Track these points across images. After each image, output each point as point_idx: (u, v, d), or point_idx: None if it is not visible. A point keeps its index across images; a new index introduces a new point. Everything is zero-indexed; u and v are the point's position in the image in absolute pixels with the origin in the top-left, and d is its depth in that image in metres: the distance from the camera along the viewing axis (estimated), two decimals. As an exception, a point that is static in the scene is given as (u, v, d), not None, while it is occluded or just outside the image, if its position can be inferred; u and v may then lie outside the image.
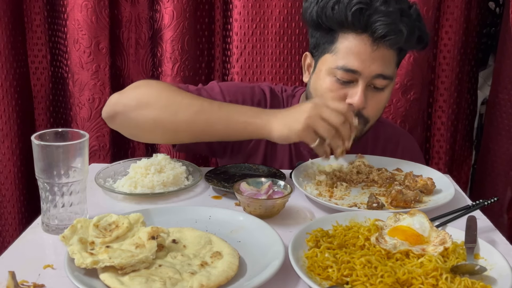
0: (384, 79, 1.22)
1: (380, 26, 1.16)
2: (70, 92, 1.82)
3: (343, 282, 0.78)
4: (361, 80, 1.20)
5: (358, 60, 1.19)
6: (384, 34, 1.16)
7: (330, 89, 1.23)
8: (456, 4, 1.78)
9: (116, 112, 1.21)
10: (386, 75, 1.22)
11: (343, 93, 1.22)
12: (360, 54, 1.19)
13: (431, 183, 1.17)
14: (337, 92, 1.22)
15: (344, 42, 1.21)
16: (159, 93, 1.21)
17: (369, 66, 1.19)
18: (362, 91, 1.20)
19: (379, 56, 1.19)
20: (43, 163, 0.92)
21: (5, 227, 1.87)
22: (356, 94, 1.20)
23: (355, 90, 1.21)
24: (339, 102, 1.18)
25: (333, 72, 1.22)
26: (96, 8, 1.72)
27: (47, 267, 0.83)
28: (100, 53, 1.76)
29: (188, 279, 0.77)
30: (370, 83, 1.22)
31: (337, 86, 1.22)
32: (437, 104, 1.90)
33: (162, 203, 1.11)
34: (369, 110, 1.24)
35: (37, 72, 1.90)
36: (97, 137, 1.82)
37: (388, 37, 1.17)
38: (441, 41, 1.83)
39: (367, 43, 1.19)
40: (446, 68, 1.85)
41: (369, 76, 1.20)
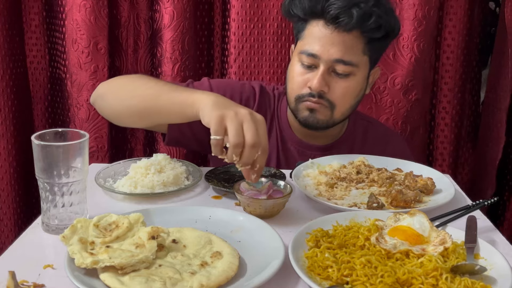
0: (345, 65, 1.26)
1: (332, 8, 1.23)
2: (68, 92, 1.81)
3: (343, 282, 0.78)
4: (321, 64, 1.27)
5: (318, 44, 1.26)
6: (335, 16, 1.23)
7: (296, 74, 1.31)
8: (459, 4, 1.77)
9: (96, 96, 1.32)
10: (347, 61, 1.26)
11: (306, 77, 1.29)
12: (320, 39, 1.26)
13: (431, 183, 1.17)
14: (301, 76, 1.30)
15: (309, 28, 1.29)
16: (131, 78, 1.34)
17: (328, 51, 1.25)
18: (321, 74, 1.26)
19: (339, 41, 1.25)
20: (43, 163, 0.92)
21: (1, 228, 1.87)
22: (314, 77, 1.27)
23: (314, 73, 1.28)
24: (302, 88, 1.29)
25: (300, 57, 1.30)
26: (95, 8, 1.71)
27: (47, 267, 0.83)
28: (99, 53, 1.75)
29: (188, 279, 0.77)
30: (332, 68, 1.27)
31: (302, 71, 1.30)
32: (440, 105, 1.89)
33: (162, 203, 1.11)
34: (333, 95, 1.29)
35: (36, 72, 1.90)
36: (95, 138, 1.81)
37: (340, 19, 1.23)
38: (444, 41, 1.82)
39: (326, 27, 1.26)
40: (450, 68, 1.84)
41: (329, 60, 1.26)
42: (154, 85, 1.21)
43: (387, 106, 1.81)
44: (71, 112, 1.82)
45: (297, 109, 1.33)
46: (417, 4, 1.70)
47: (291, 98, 1.34)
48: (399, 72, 1.78)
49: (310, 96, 1.29)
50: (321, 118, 1.32)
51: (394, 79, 1.78)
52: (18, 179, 1.83)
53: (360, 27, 1.25)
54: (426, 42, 1.75)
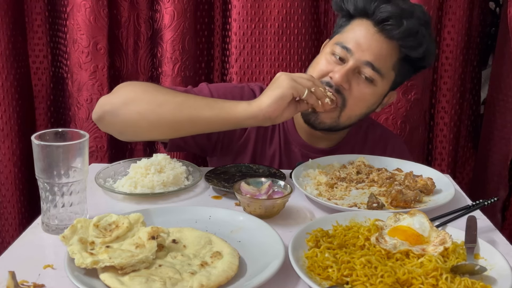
0: (373, 70, 1.25)
1: (384, 10, 1.23)
2: (69, 92, 1.81)
3: (343, 282, 0.78)
4: (351, 60, 1.25)
5: (356, 40, 1.26)
6: (385, 19, 1.23)
7: (322, 63, 1.29)
8: (458, 4, 1.77)
9: (104, 111, 1.22)
10: (376, 67, 1.25)
11: (331, 68, 1.27)
12: (359, 36, 1.26)
13: (431, 183, 1.17)
14: (327, 66, 1.28)
15: (352, 24, 1.29)
16: (144, 89, 1.25)
17: (363, 50, 1.25)
18: (347, 69, 1.24)
19: (377, 45, 1.25)
20: (43, 163, 0.92)
21: (5, 227, 1.87)
22: (340, 71, 1.24)
23: (341, 67, 1.25)
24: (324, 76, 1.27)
25: (333, 48, 1.28)
26: (95, 8, 1.71)
27: (47, 267, 0.83)
28: (98, 54, 1.75)
29: (188, 279, 0.77)
30: (358, 69, 1.26)
31: (330, 61, 1.28)
32: (439, 105, 1.89)
33: (162, 203, 1.11)
34: (350, 95, 1.26)
35: (38, 72, 1.90)
36: (94, 138, 1.81)
37: (388, 23, 1.23)
38: (443, 41, 1.82)
39: (370, 28, 1.25)
40: (449, 68, 1.84)
41: (360, 59, 1.25)
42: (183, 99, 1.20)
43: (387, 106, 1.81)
44: (72, 112, 1.83)
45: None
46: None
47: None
48: None
49: (327, 85, 1.24)
50: (326, 120, 1.30)
51: None
52: (22, 178, 1.84)
53: (403, 39, 1.24)
54: None
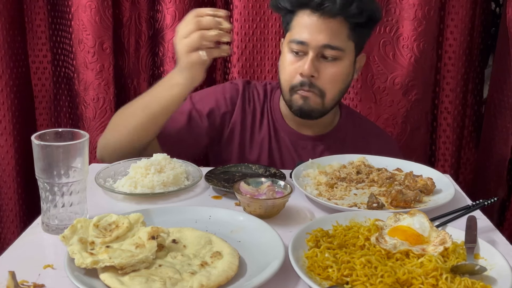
0: (332, 49, 1.33)
1: None
2: (76, 91, 1.82)
3: (343, 282, 0.78)
4: (310, 50, 1.33)
5: (307, 32, 1.33)
6: (320, 3, 1.30)
7: (288, 63, 1.37)
8: (461, 4, 1.76)
9: (102, 148, 1.41)
10: (334, 46, 1.33)
11: (297, 65, 1.36)
12: (308, 27, 1.33)
13: (431, 183, 1.17)
14: (293, 65, 1.36)
15: (296, 19, 1.36)
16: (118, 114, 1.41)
17: (316, 37, 1.32)
18: (310, 60, 1.32)
19: (325, 27, 1.32)
20: (43, 163, 0.92)
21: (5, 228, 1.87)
22: (305, 63, 1.33)
23: (304, 60, 1.34)
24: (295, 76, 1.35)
25: (290, 46, 1.36)
26: (100, 8, 1.72)
27: (47, 267, 0.83)
28: (104, 53, 1.77)
29: (188, 279, 0.77)
30: (320, 54, 1.34)
31: (293, 59, 1.36)
32: (442, 105, 1.88)
33: (162, 203, 1.11)
34: (323, 81, 1.35)
35: (38, 72, 1.90)
36: None
37: (324, 5, 1.30)
38: (446, 41, 1.81)
39: (312, 15, 1.33)
40: (452, 69, 1.83)
41: (317, 46, 1.32)
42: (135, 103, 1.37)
43: (387, 106, 1.81)
44: (79, 111, 1.84)
45: (291, 100, 1.39)
46: (417, 4, 1.70)
47: (285, 90, 1.40)
48: (398, 72, 1.77)
49: (302, 86, 1.35)
50: (314, 105, 1.37)
51: (394, 79, 1.78)
52: (22, 179, 1.84)
53: (343, 12, 1.31)
54: (426, 42, 1.74)
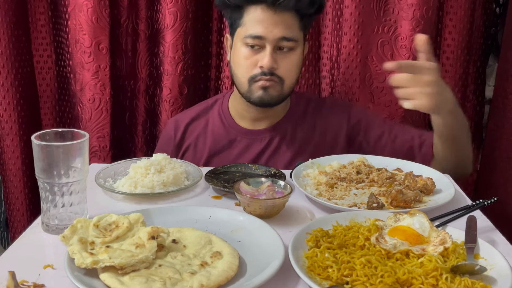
0: (288, 41, 1.38)
1: None
2: (73, 92, 1.82)
3: (343, 282, 0.78)
4: (267, 44, 1.37)
5: (262, 26, 1.37)
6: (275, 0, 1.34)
7: (244, 57, 1.40)
8: (459, 4, 1.76)
9: None
10: (289, 37, 1.38)
11: (255, 59, 1.39)
12: (263, 21, 1.37)
13: (431, 183, 1.17)
14: (250, 59, 1.39)
15: (249, 14, 1.39)
16: None
17: (272, 31, 1.36)
18: (270, 53, 1.37)
19: (280, 20, 1.37)
20: (43, 163, 0.92)
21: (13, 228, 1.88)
22: (264, 57, 1.37)
23: (264, 53, 1.38)
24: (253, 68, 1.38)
25: (245, 41, 1.39)
26: (97, 8, 1.71)
27: (47, 267, 0.83)
28: (101, 54, 1.76)
29: (188, 279, 0.77)
30: (277, 46, 1.38)
31: (250, 53, 1.40)
32: None
33: (162, 203, 1.11)
34: (282, 70, 1.40)
35: (43, 72, 1.90)
36: (97, 138, 1.82)
37: (279, 2, 1.34)
38: (444, 41, 1.81)
39: (266, 10, 1.36)
40: (450, 69, 1.83)
41: (274, 39, 1.37)
42: None
43: (385, 105, 1.81)
44: (76, 111, 1.83)
45: (250, 90, 1.42)
46: (415, 4, 1.70)
47: (243, 81, 1.42)
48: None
49: (262, 75, 1.39)
50: (274, 94, 1.41)
51: None
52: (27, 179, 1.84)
53: (298, 7, 1.37)
54: None
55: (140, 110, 1.91)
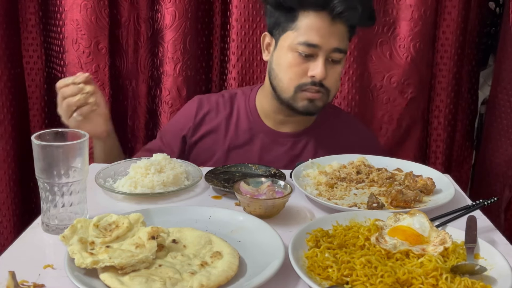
0: (340, 53, 1.35)
1: (338, 4, 1.30)
2: None
3: (343, 282, 0.78)
4: (320, 53, 1.33)
5: (318, 35, 1.32)
6: (341, 11, 1.30)
7: (292, 64, 1.35)
8: (453, 4, 1.78)
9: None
10: (342, 49, 1.35)
11: (305, 67, 1.35)
12: (319, 30, 1.32)
13: (431, 183, 1.17)
14: (300, 66, 1.35)
15: (304, 19, 1.33)
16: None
17: (328, 41, 1.32)
18: (323, 63, 1.33)
19: (336, 31, 1.33)
20: (43, 163, 0.92)
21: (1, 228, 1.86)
22: (317, 67, 1.33)
23: (316, 63, 1.33)
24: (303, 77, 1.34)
25: (295, 47, 1.34)
26: (96, 8, 1.71)
27: (47, 267, 0.83)
28: (100, 54, 1.75)
29: (188, 279, 0.77)
30: (328, 57, 1.35)
31: (299, 60, 1.35)
32: (434, 103, 1.90)
33: (162, 203, 1.11)
34: (329, 81, 1.36)
35: (32, 73, 1.87)
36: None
37: (345, 14, 1.30)
38: (438, 41, 1.84)
39: (326, 19, 1.32)
40: (443, 68, 1.86)
41: (328, 49, 1.33)
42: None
43: (383, 103, 1.84)
44: None
45: (295, 98, 1.38)
46: (413, 5, 1.73)
47: (288, 88, 1.38)
48: (395, 71, 1.80)
49: (312, 85, 1.35)
50: (319, 104, 1.39)
51: (391, 77, 1.80)
52: (16, 180, 1.83)
53: (361, 22, 1.36)
54: (422, 42, 1.77)
55: (142, 111, 1.91)
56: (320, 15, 1.31)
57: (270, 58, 1.44)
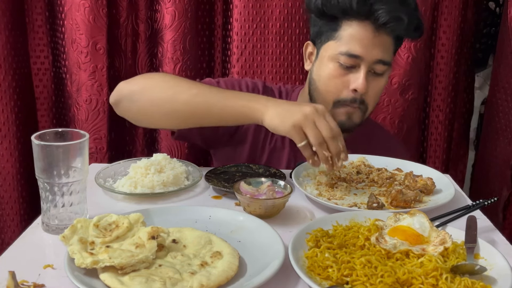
0: (383, 65, 1.28)
1: (383, 14, 1.23)
2: (69, 93, 1.81)
3: (343, 282, 0.78)
4: (363, 65, 1.27)
5: (361, 45, 1.25)
6: (386, 22, 1.23)
7: (333, 75, 1.29)
8: (454, 4, 1.78)
9: (121, 96, 1.27)
10: (386, 61, 1.28)
11: (346, 79, 1.28)
12: (362, 40, 1.25)
13: (431, 183, 1.17)
14: (340, 78, 1.29)
15: (347, 29, 1.27)
16: (162, 78, 1.29)
17: (371, 52, 1.26)
18: (365, 75, 1.26)
19: (380, 42, 1.26)
20: (43, 163, 0.92)
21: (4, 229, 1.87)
22: (358, 79, 1.27)
23: (357, 75, 1.27)
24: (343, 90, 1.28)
25: (336, 57, 1.28)
26: (94, 7, 1.70)
27: (47, 267, 0.83)
28: (98, 54, 1.74)
29: (188, 279, 0.77)
30: (371, 69, 1.28)
31: (340, 71, 1.28)
32: (435, 103, 1.91)
33: (162, 203, 1.11)
34: (370, 95, 1.31)
35: (39, 73, 1.88)
36: (94, 140, 1.80)
37: (389, 24, 1.24)
38: (439, 40, 1.84)
39: (369, 29, 1.25)
40: (444, 67, 1.86)
41: (371, 61, 1.26)
42: (198, 90, 1.21)
43: (385, 105, 1.83)
44: (72, 112, 1.82)
45: (333, 112, 1.31)
46: None
47: (327, 101, 1.31)
48: (396, 72, 1.79)
49: (352, 102, 1.29)
50: (356, 121, 1.33)
51: (391, 78, 1.80)
52: (21, 179, 1.83)
53: (406, 33, 1.29)
54: (422, 41, 1.77)
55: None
56: (363, 24, 1.25)
57: (311, 68, 1.38)
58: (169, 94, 1.22)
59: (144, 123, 1.35)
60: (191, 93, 1.21)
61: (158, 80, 1.27)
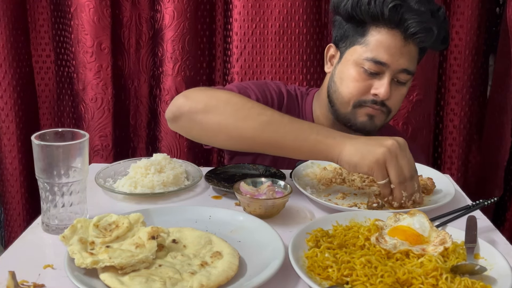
0: (407, 74, 1.29)
1: (413, 24, 1.23)
2: (76, 91, 1.83)
3: (343, 282, 0.78)
4: (387, 72, 1.27)
5: (388, 53, 1.26)
6: (415, 32, 1.24)
7: (356, 79, 1.29)
8: (466, 3, 1.74)
9: (181, 113, 1.18)
10: (410, 71, 1.29)
11: (368, 84, 1.29)
12: (390, 48, 1.26)
13: (431, 183, 1.17)
14: (363, 82, 1.29)
15: (375, 35, 1.27)
16: (228, 98, 1.18)
17: (397, 60, 1.26)
18: (389, 83, 1.27)
19: (407, 51, 1.27)
20: (43, 163, 0.92)
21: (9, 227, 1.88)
22: (382, 86, 1.27)
23: (381, 82, 1.28)
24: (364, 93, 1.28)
25: (362, 63, 1.28)
26: (98, 8, 1.72)
27: (47, 267, 0.83)
28: (102, 53, 1.77)
29: (188, 279, 0.77)
30: (395, 77, 1.29)
31: (364, 76, 1.29)
32: (448, 107, 1.86)
33: (162, 203, 1.11)
34: (392, 102, 1.31)
35: (41, 72, 1.91)
36: (100, 137, 1.82)
37: (419, 35, 1.24)
38: (452, 41, 1.80)
39: (398, 38, 1.26)
40: (458, 69, 1.82)
41: (396, 69, 1.27)
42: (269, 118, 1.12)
43: None
44: (79, 110, 1.84)
45: (353, 113, 1.32)
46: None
47: (347, 103, 1.32)
48: None
49: (373, 103, 1.30)
50: (378, 123, 1.33)
51: None
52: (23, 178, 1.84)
53: (433, 43, 1.28)
54: None
55: (144, 110, 1.92)
56: (392, 32, 1.25)
57: (332, 70, 1.37)
58: (236, 118, 1.13)
59: (204, 142, 1.28)
60: (261, 121, 1.12)
61: (222, 100, 1.17)
